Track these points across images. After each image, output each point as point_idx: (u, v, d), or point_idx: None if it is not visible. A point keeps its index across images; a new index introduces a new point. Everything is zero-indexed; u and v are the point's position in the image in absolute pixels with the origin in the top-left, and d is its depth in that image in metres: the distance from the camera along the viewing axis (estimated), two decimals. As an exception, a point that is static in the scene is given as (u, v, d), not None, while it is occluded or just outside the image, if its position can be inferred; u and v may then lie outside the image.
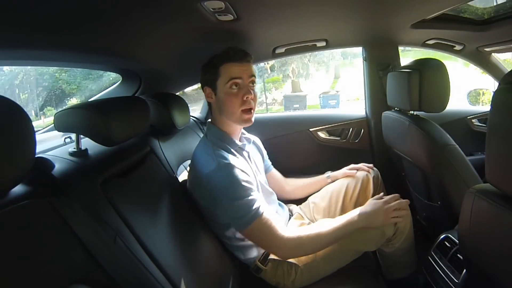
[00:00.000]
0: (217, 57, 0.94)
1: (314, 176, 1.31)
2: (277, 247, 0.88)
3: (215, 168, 0.86)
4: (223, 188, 0.85)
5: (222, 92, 0.94)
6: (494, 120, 0.56)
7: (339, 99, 7.58)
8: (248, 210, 0.84)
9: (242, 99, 0.93)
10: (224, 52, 0.94)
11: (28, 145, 0.47)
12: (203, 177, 0.88)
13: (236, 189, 0.85)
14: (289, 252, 0.90)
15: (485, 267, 0.66)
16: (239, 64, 0.93)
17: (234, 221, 0.87)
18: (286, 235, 0.87)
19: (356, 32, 1.39)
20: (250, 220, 0.84)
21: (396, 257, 1.06)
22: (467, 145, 1.34)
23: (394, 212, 0.93)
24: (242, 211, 0.84)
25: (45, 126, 1.14)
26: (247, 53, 0.95)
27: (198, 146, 0.98)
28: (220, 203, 0.87)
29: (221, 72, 0.93)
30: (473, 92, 1.87)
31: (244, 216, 0.84)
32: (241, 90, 0.93)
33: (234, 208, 0.85)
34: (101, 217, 0.62)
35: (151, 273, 0.64)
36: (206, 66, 0.97)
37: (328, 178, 1.27)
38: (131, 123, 0.82)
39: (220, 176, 0.86)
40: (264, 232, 0.86)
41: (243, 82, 0.93)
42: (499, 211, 0.58)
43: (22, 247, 0.46)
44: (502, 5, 1.32)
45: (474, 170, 1.04)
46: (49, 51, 0.78)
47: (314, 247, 0.91)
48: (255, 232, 0.86)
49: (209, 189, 0.87)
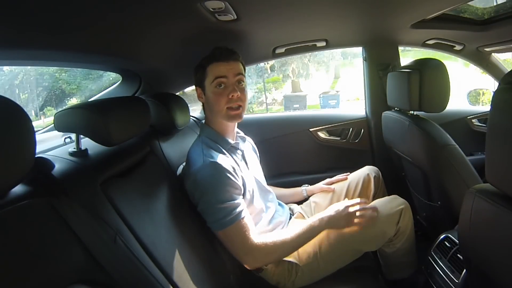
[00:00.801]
0: (205, 58, 0.97)
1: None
2: (245, 255, 0.88)
3: (201, 165, 0.88)
4: (206, 187, 0.86)
5: (209, 91, 0.96)
6: (494, 120, 0.56)
7: (339, 99, 7.59)
8: (226, 214, 0.85)
9: (227, 97, 0.94)
10: (211, 53, 0.96)
11: (28, 145, 0.47)
12: (191, 174, 0.90)
13: (218, 191, 0.86)
14: (255, 261, 0.90)
15: (485, 267, 0.66)
16: (225, 63, 0.94)
17: (211, 220, 0.87)
18: (256, 243, 0.87)
19: (356, 32, 1.39)
20: (225, 224, 0.85)
21: (396, 257, 1.06)
22: (467, 145, 1.34)
23: (357, 216, 0.94)
24: (220, 214, 0.85)
25: (45, 126, 1.14)
26: (234, 52, 0.96)
27: (192, 145, 0.99)
28: (202, 200, 0.87)
29: (208, 72, 0.95)
30: (473, 92, 1.87)
31: (221, 219, 0.85)
32: (226, 88, 0.94)
33: (213, 209, 0.86)
34: (101, 217, 0.62)
35: (151, 273, 0.64)
36: (196, 67, 0.99)
37: (303, 192, 1.29)
38: (131, 123, 0.82)
39: (205, 174, 0.87)
40: (237, 238, 0.86)
41: (228, 80, 0.94)
42: (499, 211, 0.58)
43: (22, 247, 0.46)
44: (502, 5, 1.32)
45: (474, 170, 1.04)
46: (49, 51, 0.78)
47: (281, 254, 0.91)
48: (228, 236, 0.87)
49: (194, 186, 0.88)
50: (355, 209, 0.94)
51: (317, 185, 1.28)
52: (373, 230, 0.97)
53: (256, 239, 0.87)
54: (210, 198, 0.86)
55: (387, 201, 1.01)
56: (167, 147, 1.07)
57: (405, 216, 0.98)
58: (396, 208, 0.98)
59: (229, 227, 0.85)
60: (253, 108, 8.70)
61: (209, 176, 0.87)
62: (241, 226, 0.86)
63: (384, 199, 1.04)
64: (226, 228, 0.85)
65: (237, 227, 0.85)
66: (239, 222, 0.86)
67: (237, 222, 0.85)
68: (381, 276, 1.13)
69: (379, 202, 1.02)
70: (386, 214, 0.97)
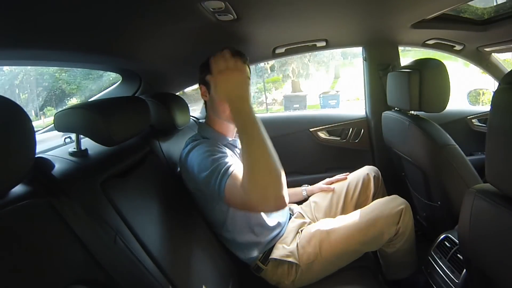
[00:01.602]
0: (210, 58, 0.94)
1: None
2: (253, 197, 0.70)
3: (191, 146, 0.88)
4: (199, 160, 0.83)
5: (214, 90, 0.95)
6: (494, 120, 0.56)
7: (339, 99, 7.59)
8: (221, 170, 0.78)
9: None
10: (219, 51, 0.93)
11: (28, 145, 0.47)
12: (183, 158, 0.90)
13: (209, 158, 0.81)
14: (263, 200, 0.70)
15: (485, 267, 0.66)
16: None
17: (215, 188, 0.78)
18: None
19: (356, 32, 1.39)
20: (224, 179, 0.77)
21: (397, 258, 1.06)
22: (467, 145, 1.35)
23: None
24: (216, 174, 0.78)
25: (45, 126, 1.14)
26: (243, 54, 0.93)
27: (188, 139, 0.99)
28: (200, 175, 0.82)
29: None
30: (473, 92, 1.87)
31: (219, 178, 0.77)
32: None
33: (210, 174, 0.79)
34: (101, 217, 0.62)
35: (151, 273, 0.64)
36: (202, 65, 0.98)
37: (303, 192, 1.29)
38: (131, 123, 0.82)
39: (196, 152, 0.86)
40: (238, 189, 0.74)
41: None
42: (499, 211, 0.58)
43: (22, 247, 0.46)
44: (502, 5, 1.32)
45: (474, 170, 1.04)
46: (49, 51, 0.78)
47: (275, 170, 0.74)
48: (232, 192, 0.76)
49: (189, 168, 0.86)
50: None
51: (316, 185, 1.28)
52: (373, 231, 0.97)
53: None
54: (206, 166, 0.80)
55: (387, 201, 1.01)
56: (167, 147, 1.07)
57: (405, 217, 0.98)
58: (397, 209, 0.98)
59: (229, 178, 0.76)
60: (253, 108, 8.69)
61: (199, 151, 0.85)
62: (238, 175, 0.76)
63: (384, 199, 1.04)
64: (228, 179, 0.76)
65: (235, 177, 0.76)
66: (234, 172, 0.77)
67: (234, 173, 0.77)
68: (381, 276, 1.13)
69: (379, 202, 1.02)
70: (386, 214, 0.97)
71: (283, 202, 0.69)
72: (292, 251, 0.98)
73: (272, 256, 0.98)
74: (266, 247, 1.00)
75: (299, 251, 0.98)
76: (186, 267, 0.77)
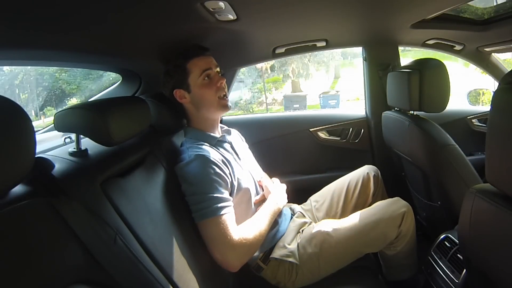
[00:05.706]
0: (180, 58, 0.97)
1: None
2: (227, 252, 0.83)
3: (187, 160, 0.89)
4: (192, 178, 0.86)
5: (196, 86, 0.97)
6: (494, 120, 0.56)
7: (339, 99, 7.59)
8: (208, 205, 0.83)
9: (216, 86, 0.97)
10: (185, 51, 0.97)
11: (28, 145, 0.47)
12: (178, 170, 0.90)
13: (203, 182, 0.85)
14: (238, 258, 0.85)
15: (485, 267, 0.66)
16: (205, 57, 0.98)
17: (193, 210, 0.85)
18: (237, 240, 0.83)
19: (356, 32, 1.39)
20: (205, 215, 0.83)
21: (397, 260, 1.05)
22: (467, 145, 1.35)
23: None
24: (202, 204, 0.84)
25: (45, 126, 1.14)
26: (206, 47, 1.00)
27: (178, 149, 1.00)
28: (188, 191, 0.87)
29: (191, 69, 0.97)
30: (473, 92, 1.87)
31: (202, 209, 0.84)
32: (213, 79, 0.98)
33: (197, 198, 0.85)
34: (101, 217, 0.62)
35: (151, 273, 0.64)
36: (169, 72, 1.00)
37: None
38: (131, 123, 0.82)
39: (191, 167, 0.88)
40: (215, 233, 0.83)
41: (212, 72, 0.98)
42: (499, 211, 0.58)
43: (22, 247, 0.46)
44: (502, 5, 1.32)
45: (474, 170, 1.04)
46: (49, 51, 0.78)
47: (257, 245, 0.90)
48: (207, 229, 0.84)
49: (182, 179, 0.88)
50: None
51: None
52: (374, 233, 0.96)
53: (236, 236, 0.84)
54: (195, 189, 0.85)
55: (389, 204, 1.01)
56: (167, 147, 1.07)
57: (407, 219, 0.98)
58: (399, 211, 0.97)
59: (210, 219, 0.82)
60: (253, 108, 8.71)
61: (195, 167, 0.87)
62: (221, 221, 0.83)
63: (387, 201, 1.03)
64: (205, 219, 0.83)
65: (217, 221, 0.82)
66: (220, 216, 0.83)
67: (218, 216, 0.82)
68: (382, 276, 1.13)
69: (381, 204, 1.02)
70: (388, 216, 0.97)
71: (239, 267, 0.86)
72: (292, 251, 0.98)
73: (272, 255, 0.98)
74: (267, 246, 1.00)
75: (300, 251, 0.98)
76: (186, 266, 0.77)
